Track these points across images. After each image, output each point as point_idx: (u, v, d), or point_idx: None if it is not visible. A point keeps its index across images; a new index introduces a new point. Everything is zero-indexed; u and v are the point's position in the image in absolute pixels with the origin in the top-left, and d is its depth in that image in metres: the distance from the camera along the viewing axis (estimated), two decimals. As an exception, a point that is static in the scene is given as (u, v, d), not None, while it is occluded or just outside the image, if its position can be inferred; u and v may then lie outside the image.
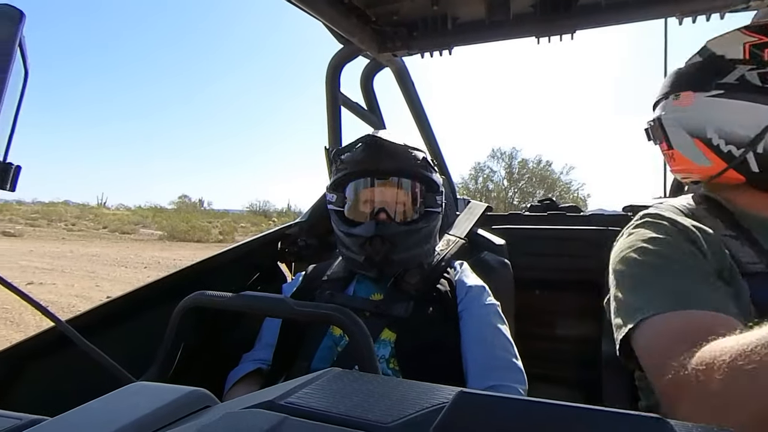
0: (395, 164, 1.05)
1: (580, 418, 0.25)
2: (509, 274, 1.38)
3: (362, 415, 0.28)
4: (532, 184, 22.67)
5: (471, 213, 1.61)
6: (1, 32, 0.48)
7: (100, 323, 1.02)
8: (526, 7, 1.47)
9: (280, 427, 0.26)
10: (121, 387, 0.37)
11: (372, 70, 1.88)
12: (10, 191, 0.54)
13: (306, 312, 0.76)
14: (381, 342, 0.99)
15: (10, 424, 0.32)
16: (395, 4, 1.47)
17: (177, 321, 0.81)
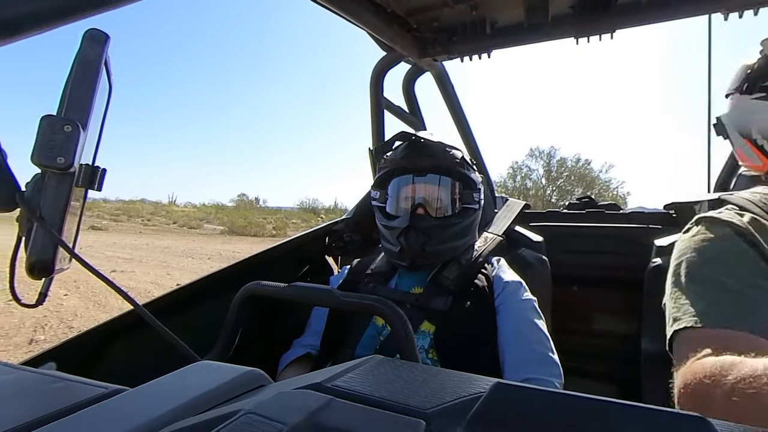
0: (433, 161, 1.05)
1: (617, 413, 0.24)
2: (547, 271, 1.33)
3: (402, 400, 0.28)
4: (571, 182, 21.70)
5: (509, 210, 1.57)
6: (89, 53, 0.51)
7: (171, 307, 1.07)
8: (565, 9, 1.41)
9: (327, 407, 0.27)
10: (189, 365, 0.39)
11: (413, 74, 1.87)
12: (98, 191, 0.57)
13: (351, 302, 0.76)
14: (420, 333, 0.99)
15: (98, 392, 0.35)
16: (436, 11, 1.45)
17: (236, 308, 0.84)
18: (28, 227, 0.49)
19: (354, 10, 1.28)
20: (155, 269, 7.46)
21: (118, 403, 0.32)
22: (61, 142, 0.47)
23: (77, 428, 0.28)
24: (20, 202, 0.48)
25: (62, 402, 0.33)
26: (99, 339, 0.96)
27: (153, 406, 0.30)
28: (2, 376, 0.39)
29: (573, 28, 1.41)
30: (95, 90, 0.51)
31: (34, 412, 0.31)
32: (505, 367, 0.95)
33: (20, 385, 0.37)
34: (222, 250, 10.62)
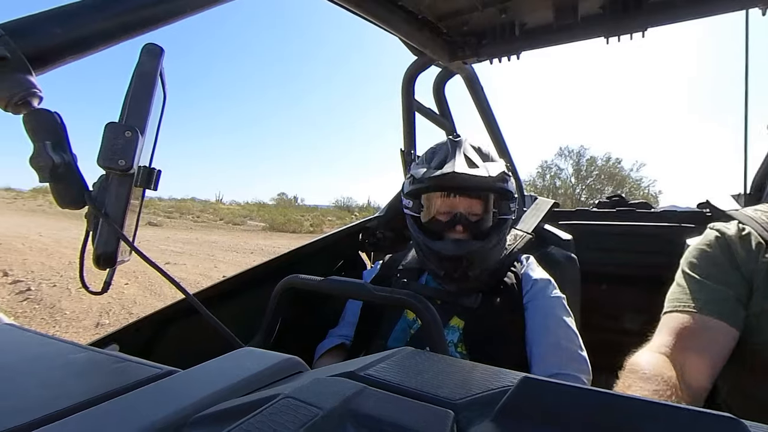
0: (472, 181, 0.95)
1: (646, 411, 0.22)
2: (576, 268, 1.28)
3: (432, 391, 0.28)
4: (601, 181, 20.77)
5: (538, 209, 1.52)
6: (147, 65, 0.53)
7: (218, 297, 1.11)
8: (595, 9, 1.35)
9: (360, 394, 0.27)
10: (233, 351, 0.40)
11: (443, 77, 1.85)
12: (153, 190, 0.60)
13: (383, 296, 0.76)
14: (450, 328, 0.98)
15: (154, 372, 0.36)
16: (465, 15, 1.43)
17: (276, 299, 0.86)
18: (95, 223, 0.51)
19: (387, 18, 1.28)
20: (204, 262, 7.71)
21: (172, 383, 0.34)
22: (122, 146, 0.50)
23: (136, 404, 0.29)
24: (88, 201, 0.50)
25: (123, 380, 0.34)
26: (155, 324, 1.00)
27: (202, 388, 0.31)
28: (73, 355, 0.41)
29: (603, 27, 1.34)
30: (152, 98, 0.54)
31: (99, 388, 0.33)
32: (533, 363, 0.93)
33: (88, 364, 0.40)
34: (263, 245, 10.85)
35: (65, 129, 0.50)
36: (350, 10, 1.18)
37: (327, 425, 0.24)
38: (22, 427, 0.27)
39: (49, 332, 3.74)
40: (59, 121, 0.50)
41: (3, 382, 0.35)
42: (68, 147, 0.50)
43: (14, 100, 0.50)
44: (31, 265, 6.53)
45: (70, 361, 0.40)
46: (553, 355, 0.92)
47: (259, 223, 18.01)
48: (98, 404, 0.30)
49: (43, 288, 5.19)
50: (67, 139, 0.50)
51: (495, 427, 0.24)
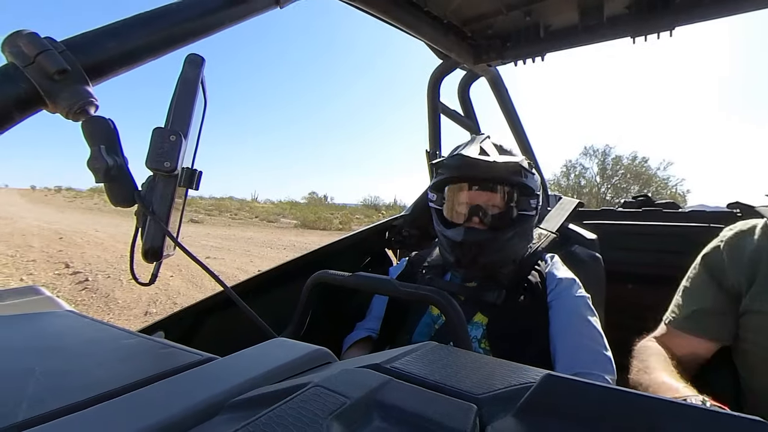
0: (490, 172, 0.97)
1: (671, 412, 0.21)
2: (600, 268, 1.24)
3: (455, 384, 0.28)
4: (626, 180, 19.90)
5: (562, 208, 1.48)
6: (189, 74, 0.55)
7: (253, 290, 1.14)
8: (621, 9, 1.29)
9: (386, 385, 0.27)
10: (267, 341, 0.41)
11: (468, 80, 1.82)
12: (195, 190, 0.62)
13: (408, 292, 0.76)
14: (474, 324, 0.96)
15: (195, 359, 0.38)
16: (490, 19, 1.40)
17: (307, 293, 0.87)
18: (143, 220, 0.53)
19: (413, 23, 1.27)
20: (240, 257, 7.91)
21: (211, 369, 0.35)
22: (168, 149, 0.52)
23: (180, 388, 0.31)
24: (137, 200, 0.53)
25: (168, 365, 0.36)
26: (196, 314, 1.04)
27: (238, 374, 0.32)
28: (125, 340, 0.43)
29: (630, 27, 1.28)
30: (194, 105, 0.55)
31: (147, 371, 0.35)
32: (557, 361, 0.90)
33: (138, 349, 0.42)
34: (295, 241, 11.03)
35: (118, 134, 0.53)
36: (378, 17, 1.19)
37: (354, 414, 0.24)
38: (81, 402, 0.29)
39: (104, 319, 3.97)
40: (112, 127, 0.53)
41: (66, 362, 0.38)
42: (120, 150, 0.52)
43: (74, 109, 0.53)
44: (89, 258, 6.91)
45: (123, 345, 0.42)
46: (577, 354, 0.89)
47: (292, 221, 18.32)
48: (146, 386, 0.31)
49: (99, 279, 5.48)
50: (120, 144, 0.53)
51: (517, 422, 0.24)
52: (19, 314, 0.52)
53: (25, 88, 0.52)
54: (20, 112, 0.53)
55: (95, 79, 0.58)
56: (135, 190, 0.53)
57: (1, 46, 0.52)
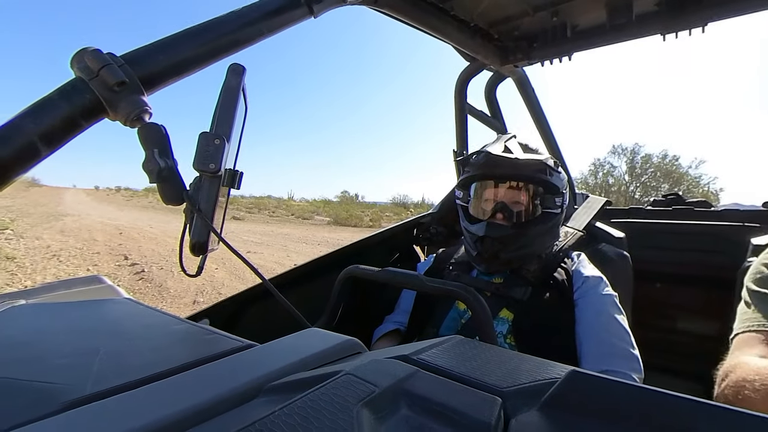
0: (515, 169, 0.95)
1: (700, 413, 0.20)
2: (628, 266, 1.18)
3: (480, 377, 0.28)
4: (656, 178, 18.80)
5: (589, 207, 1.42)
6: (232, 82, 0.57)
7: (289, 282, 1.16)
8: (651, 6, 1.21)
9: (413, 376, 0.27)
10: (302, 330, 0.42)
11: (495, 81, 1.78)
12: (237, 189, 0.64)
13: (435, 287, 0.75)
14: (500, 319, 0.94)
15: (236, 345, 0.39)
16: (517, 20, 1.36)
17: (339, 286, 0.88)
18: (191, 217, 0.56)
19: (440, 27, 1.26)
20: (278, 252, 8.11)
21: (251, 355, 0.36)
22: (212, 152, 0.54)
23: (222, 371, 0.32)
24: (186, 199, 0.55)
25: (212, 350, 0.37)
26: (238, 303, 1.07)
27: (275, 360, 0.33)
28: (175, 326, 0.45)
29: (660, 25, 1.21)
30: (236, 110, 0.57)
31: (194, 354, 0.36)
32: (582, 359, 0.87)
33: (186, 334, 0.44)
34: (329, 237, 11.17)
35: (169, 139, 0.55)
36: (407, 23, 1.18)
37: (382, 401, 0.24)
38: (137, 381, 0.31)
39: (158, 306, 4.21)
40: (164, 132, 0.55)
41: (125, 344, 0.40)
42: (171, 154, 0.55)
43: (131, 116, 0.57)
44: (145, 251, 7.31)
45: (173, 331, 0.44)
46: (604, 352, 0.85)
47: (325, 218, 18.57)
48: (193, 368, 0.33)
49: (153, 270, 5.79)
50: (170, 147, 0.55)
51: (541, 416, 0.23)
52: (85, 300, 0.56)
53: (90, 99, 0.56)
54: (86, 121, 0.57)
55: (149, 89, 0.62)
56: (184, 189, 0.55)
57: (70, 62, 0.56)
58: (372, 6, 1.02)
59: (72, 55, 0.55)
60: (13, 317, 0.48)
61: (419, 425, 0.23)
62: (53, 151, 0.55)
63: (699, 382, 1.42)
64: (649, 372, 0.85)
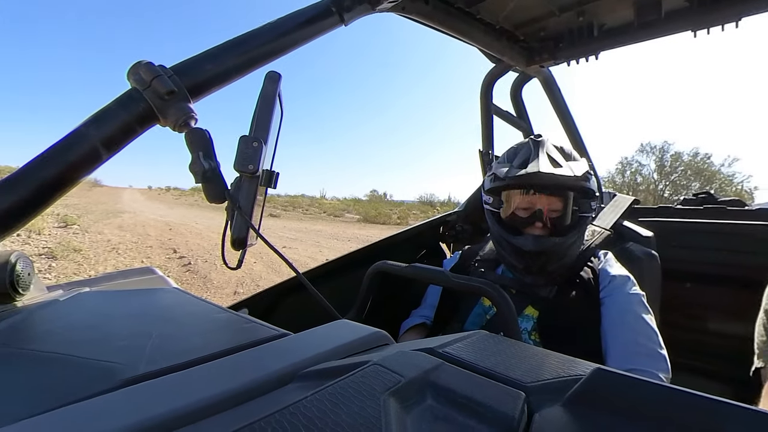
0: (556, 182, 0.87)
1: (728, 414, 0.19)
2: (656, 266, 1.11)
3: (504, 372, 0.27)
4: (686, 176, 17.62)
5: (617, 206, 1.35)
6: (269, 88, 0.59)
7: (321, 276, 1.18)
8: (681, 2, 1.14)
9: (438, 368, 0.27)
10: (332, 321, 0.43)
11: (521, 81, 1.73)
12: (273, 189, 0.66)
13: (460, 283, 0.75)
14: (525, 316, 0.92)
15: (272, 333, 0.40)
16: (542, 22, 1.31)
17: (368, 280, 0.89)
18: (231, 215, 0.58)
19: (466, 31, 1.23)
20: (311, 247, 8.27)
21: (285, 343, 0.37)
22: (251, 154, 0.55)
23: (260, 357, 0.33)
24: (227, 197, 0.57)
25: (251, 337, 0.39)
26: (274, 295, 1.11)
27: (307, 349, 0.33)
28: (217, 314, 0.47)
29: (690, 21, 1.13)
30: (272, 115, 0.59)
31: (234, 341, 0.38)
32: (608, 357, 0.83)
33: (227, 322, 0.45)
34: (358, 234, 11.25)
35: (212, 142, 0.58)
36: (435, 28, 1.17)
37: (408, 391, 0.24)
38: (184, 363, 0.32)
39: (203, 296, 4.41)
40: (208, 136, 0.58)
41: (173, 329, 0.42)
42: (214, 156, 0.57)
43: (179, 122, 0.59)
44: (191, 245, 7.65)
45: (215, 319, 0.46)
46: (630, 351, 0.81)
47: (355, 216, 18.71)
48: (234, 353, 0.34)
49: (198, 263, 6.05)
50: (214, 150, 0.57)
51: (565, 412, 0.22)
52: (139, 289, 0.59)
53: (144, 107, 0.59)
54: (141, 127, 0.60)
55: (195, 97, 0.64)
56: (225, 189, 0.57)
57: (127, 74, 0.59)
58: (400, 13, 1.01)
59: (128, 68, 0.59)
60: (80, 302, 0.52)
61: (444, 415, 0.23)
62: (113, 155, 0.59)
63: (729, 383, 1.33)
64: (678, 372, 0.80)
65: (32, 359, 0.34)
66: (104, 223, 10.96)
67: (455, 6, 1.17)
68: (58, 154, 0.55)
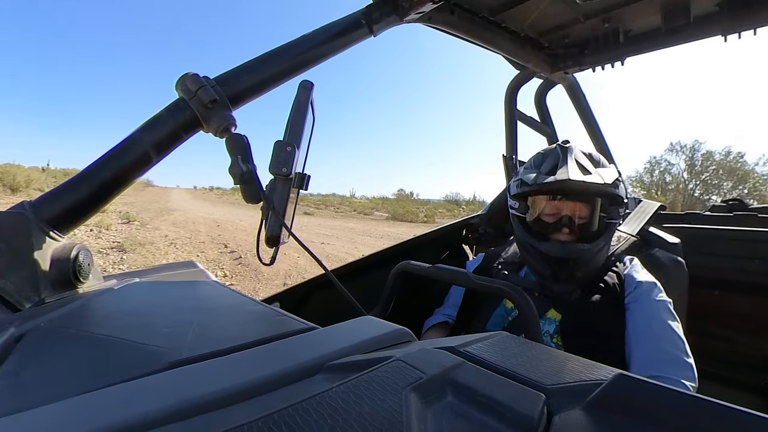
0: (586, 189, 0.83)
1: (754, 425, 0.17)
2: (683, 272, 1.05)
3: (524, 373, 0.26)
4: (718, 176, 16.27)
5: (643, 211, 1.28)
6: (302, 96, 0.60)
7: (348, 273, 1.19)
8: (710, 7, 1.06)
9: (459, 367, 0.27)
10: (358, 317, 0.43)
11: (545, 88, 1.68)
12: (305, 190, 0.67)
13: (482, 284, 0.73)
14: (547, 319, 0.89)
15: (302, 327, 0.41)
16: (567, 29, 1.26)
17: (392, 279, 0.89)
18: (266, 214, 0.60)
19: (491, 39, 1.21)
20: (347, 243, 8.30)
21: (313, 336, 0.37)
22: (285, 157, 0.57)
23: (290, 348, 0.34)
24: (263, 198, 0.58)
25: (282, 329, 0.39)
26: (304, 290, 1.13)
27: (334, 343, 0.34)
28: (252, 307, 0.49)
29: (720, 25, 1.05)
30: (305, 121, 0.60)
31: (267, 332, 0.38)
32: (632, 364, 0.79)
33: (260, 315, 0.46)
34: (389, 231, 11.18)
35: (250, 147, 0.60)
36: (460, 37, 1.15)
37: (429, 388, 0.24)
38: (221, 351, 0.33)
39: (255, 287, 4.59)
40: (246, 141, 0.59)
41: (212, 319, 0.44)
42: (251, 160, 0.59)
43: (220, 129, 0.62)
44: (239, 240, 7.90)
45: (250, 311, 0.47)
46: (655, 358, 0.77)
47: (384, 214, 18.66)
48: (266, 343, 0.35)
49: (248, 256, 6.22)
50: (251, 154, 0.59)
51: (585, 415, 0.21)
52: (183, 281, 0.62)
53: (189, 115, 0.62)
54: (186, 133, 0.63)
55: (235, 105, 0.67)
56: (261, 190, 0.59)
57: (175, 85, 0.62)
58: (426, 23, 1.01)
59: (176, 79, 0.62)
60: (131, 292, 0.55)
61: (463, 413, 0.23)
62: (161, 158, 0.62)
63: (758, 394, 1.23)
64: (705, 381, 0.75)
65: (91, 341, 0.36)
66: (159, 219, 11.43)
67: (480, 15, 1.15)
68: (115, 157, 0.58)
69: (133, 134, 0.60)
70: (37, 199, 0.55)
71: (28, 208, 0.53)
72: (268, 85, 0.72)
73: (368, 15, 0.84)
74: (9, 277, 0.46)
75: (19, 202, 0.54)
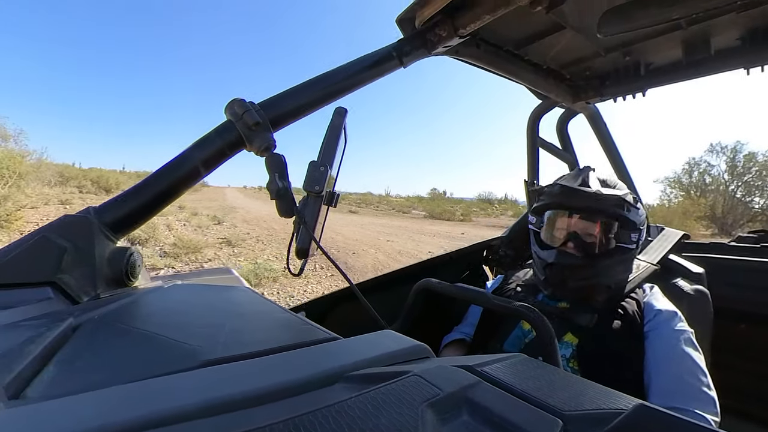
0: (588, 203, 0.85)
1: None
2: (707, 303, 0.97)
3: (542, 398, 0.25)
4: (761, 177, 14.66)
5: (665, 239, 1.21)
6: (336, 121, 0.62)
7: (371, 288, 1.19)
8: (732, 41, 1.02)
9: (476, 386, 0.26)
10: (378, 330, 0.42)
11: (567, 117, 1.65)
12: (334, 208, 0.68)
13: (500, 305, 0.71)
14: (564, 343, 0.84)
15: (325, 336, 0.41)
16: (588, 62, 1.25)
17: (414, 295, 0.88)
18: (298, 228, 0.61)
19: (514, 71, 1.21)
20: (408, 242, 8.10)
21: (335, 346, 0.37)
22: (318, 176, 0.58)
23: (313, 356, 0.34)
24: (296, 213, 0.60)
25: (306, 337, 0.40)
26: (328, 302, 1.13)
27: (355, 354, 0.33)
28: (279, 314, 0.49)
29: (743, 59, 1.01)
30: (338, 144, 0.62)
31: (292, 339, 0.39)
32: (651, 394, 0.73)
33: (286, 322, 0.47)
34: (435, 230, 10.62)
35: (286, 166, 0.62)
36: (485, 69, 1.16)
37: (445, 405, 0.23)
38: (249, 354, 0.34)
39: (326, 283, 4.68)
40: (283, 161, 0.62)
41: (242, 323, 0.45)
42: (287, 177, 0.61)
43: (261, 148, 0.65)
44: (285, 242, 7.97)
45: (277, 318, 0.48)
46: (675, 389, 0.71)
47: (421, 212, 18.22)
48: (291, 350, 0.35)
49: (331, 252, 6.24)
50: (287, 173, 0.61)
51: None
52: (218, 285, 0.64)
53: (235, 136, 0.65)
54: (231, 151, 0.66)
55: (276, 128, 0.70)
56: (294, 205, 0.60)
57: (224, 109, 0.66)
58: (453, 56, 1.03)
59: (226, 104, 0.66)
60: (173, 293, 0.57)
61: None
62: (209, 173, 0.66)
63: None
64: (728, 416, 0.68)
65: (136, 335, 0.38)
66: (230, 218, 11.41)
67: (504, 49, 1.16)
68: (169, 171, 0.62)
69: (185, 151, 0.64)
70: (100, 205, 0.59)
71: (93, 213, 0.57)
72: (306, 110, 0.75)
73: (399, 48, 0.86)
74: (72, 273, 0.50)
75: (86, 208, 0.58)
